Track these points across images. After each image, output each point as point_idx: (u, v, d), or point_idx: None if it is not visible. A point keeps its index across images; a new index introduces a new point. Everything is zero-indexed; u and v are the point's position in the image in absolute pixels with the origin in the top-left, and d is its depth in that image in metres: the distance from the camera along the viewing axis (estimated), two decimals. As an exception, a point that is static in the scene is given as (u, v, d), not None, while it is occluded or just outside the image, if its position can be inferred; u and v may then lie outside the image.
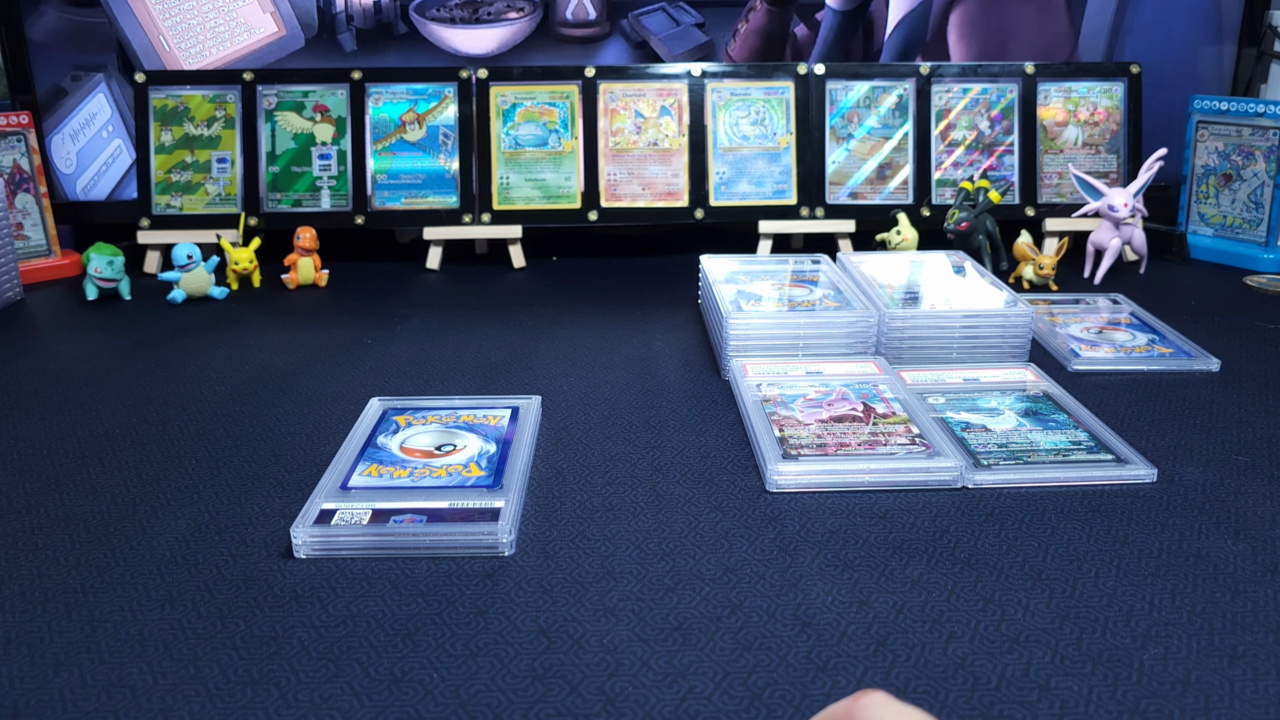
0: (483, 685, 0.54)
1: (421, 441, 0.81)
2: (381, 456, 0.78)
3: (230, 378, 1.01)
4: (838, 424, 0.85)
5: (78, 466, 0.81)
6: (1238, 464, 0.81)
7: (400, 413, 0.86)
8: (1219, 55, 1.56)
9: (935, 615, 0.60)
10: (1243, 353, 1.06)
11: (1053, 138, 1.45)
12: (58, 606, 0.61)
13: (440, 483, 0.74)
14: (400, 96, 1.42)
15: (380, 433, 0.83)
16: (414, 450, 0.79)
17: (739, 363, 0.98)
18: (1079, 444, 0.82)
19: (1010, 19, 1.52)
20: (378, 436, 0.82)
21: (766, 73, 1.43)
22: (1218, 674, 0.55)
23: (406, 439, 0.81)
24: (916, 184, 1.43)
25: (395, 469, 0.76)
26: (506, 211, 1.41)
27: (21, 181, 1.38)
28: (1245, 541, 0.69)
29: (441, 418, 0.86)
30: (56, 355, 1.08)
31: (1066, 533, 0.70)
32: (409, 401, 0.88)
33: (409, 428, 0.83)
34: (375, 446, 0.80)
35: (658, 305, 1.25)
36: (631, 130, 1.42)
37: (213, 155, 1.41)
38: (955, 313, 1.01)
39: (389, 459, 0.78)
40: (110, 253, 1.26)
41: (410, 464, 0.77)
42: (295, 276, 1.31)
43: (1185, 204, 1.47)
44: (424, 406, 0.88)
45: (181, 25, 1.46)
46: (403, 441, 0.81)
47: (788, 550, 0.68)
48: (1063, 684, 0.54)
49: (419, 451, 0.79)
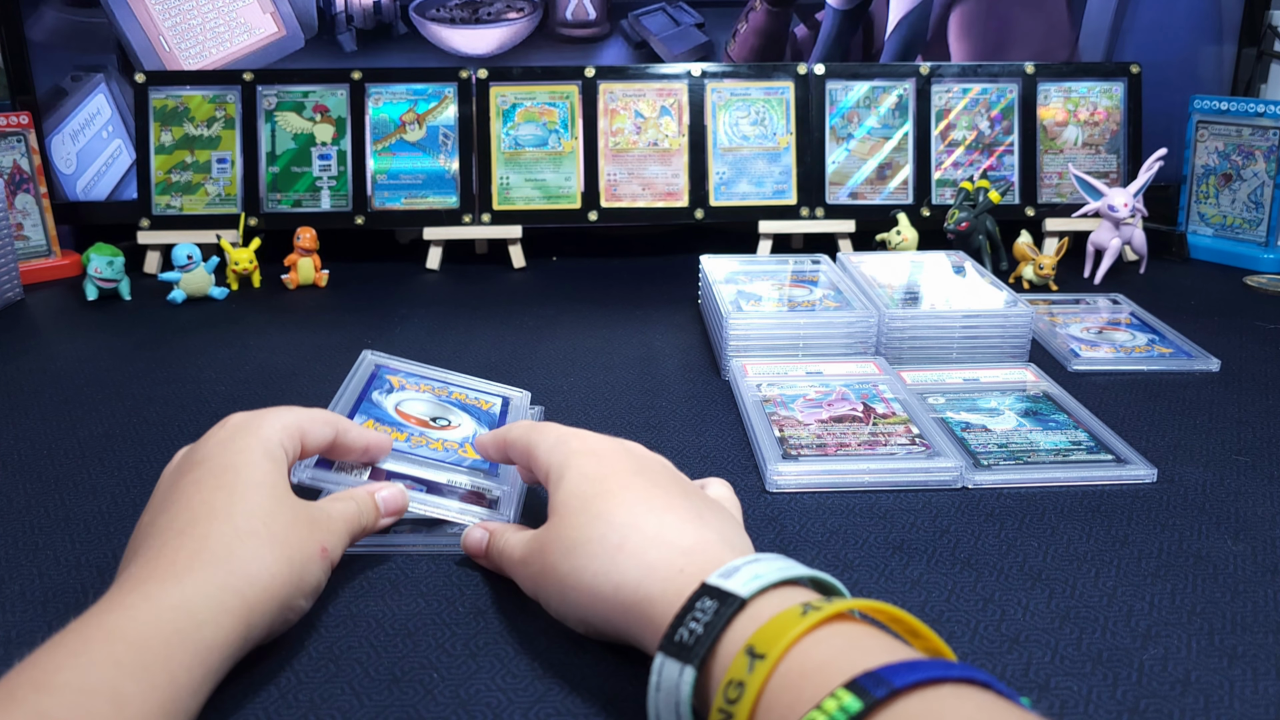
0: (483, 685, 0.54)
1: (417, 409, 0.78)
2: (377, 413, 0.75)
3: (230, 378, 1.01)
4: (838, 424, 0.85)
5: (78, 467, 0.81)
6: (1238, 464, 0.81)
7: (394, 373, 0.82)
8: (1219, 55, 1.56)
9: (935, 615, 0.60)
10: (1243, 353, 1.06)
11: (1053, 138, 1.45)
12: (58, 607, 0.61)
13: (438, 455, 0.72)
14: (400, 97, 1.42)
15: (374, 388, 0.79)
16: (409, 416, 0.76)
17: (739, 363, 0.98)
18: (1079, 444, 0.82)
19: (1011, 19, 1.52)
20: (372, 391, 0.78)
21: (766, 73, 1.43)
22: (1218, 674, 0.55)
23: (401, 402, 0.78)
24: (916, 184, 1.43)
25: (393, 430, 0.73)
26: (506, 212, 1.41)
27: (21, 182, 1.38)
28: (1245, 541, 0.69)
29: (435, 389, 0.82)
30: (56, 356, 1.08)
31: (1066, 533, 0.70)
32: (403, 364, 0.84)
33: (402, 390, 0.80)
34: (371, 401, 0.76)
35: (658, 305, 1.25)
36: (631, 130, 1.42)
37: (213, 155, 1.41)
38: (955, 313, 1.01)
39: (386, 418, 0.75)
40: (110, 253, 1.26)
41: (408, 428, 0.74)
42: (295, 277, 1.31)
43: (1185, 204, 1.47)
44: (417, 373, 0.84)
45: (181, 25, 1.46)
46: (398, 404, 0.78)
47: (788, 550, 0.68)
48: (1062, 684, 0.54)
49: (414, 418, 0.76)
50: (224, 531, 0.53)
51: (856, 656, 0.41)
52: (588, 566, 0.53)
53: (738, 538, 0.56)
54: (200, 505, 0.54)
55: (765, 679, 0.41)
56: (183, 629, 0.47)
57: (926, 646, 0.46)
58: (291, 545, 0.55)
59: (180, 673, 0.46)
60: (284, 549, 0.54)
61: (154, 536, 0.53)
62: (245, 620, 0.50)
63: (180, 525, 0.53)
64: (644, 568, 0.51)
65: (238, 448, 0.58)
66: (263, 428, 0.59)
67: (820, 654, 0.42)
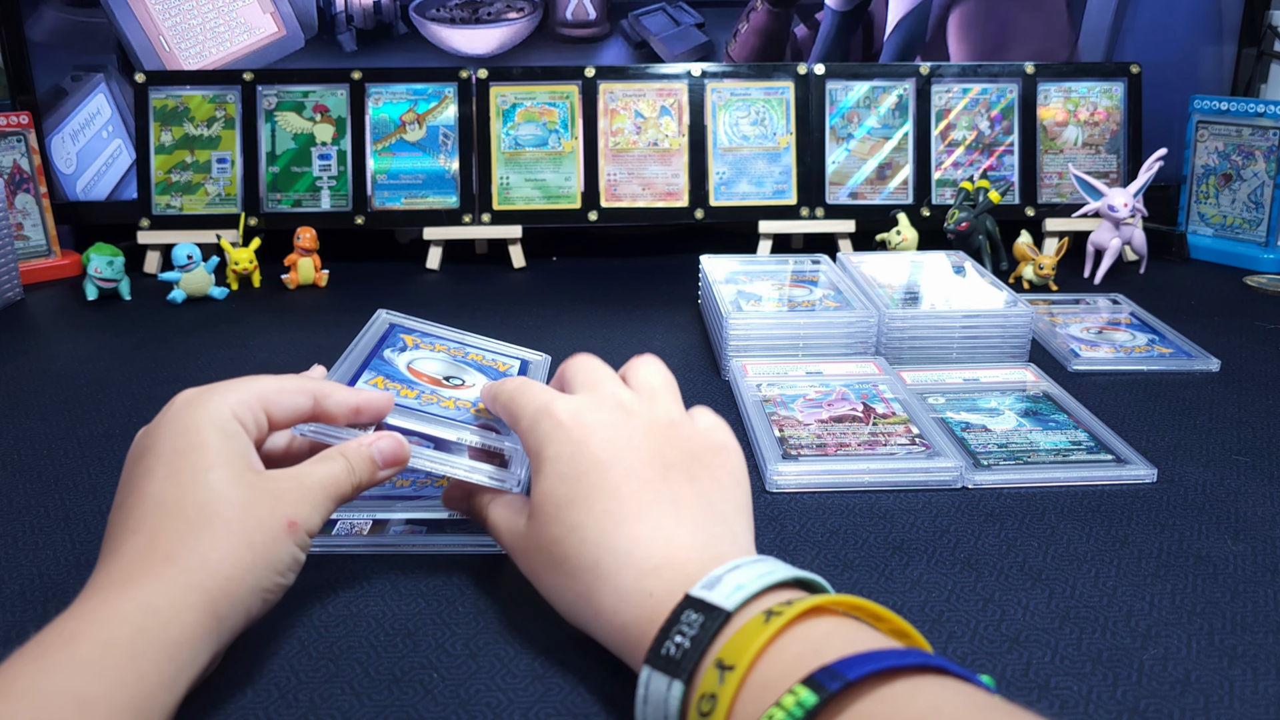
0: (483, 685, 0.54)
1: (430, 368, 0.76)
2: (387, 370, 0.73)
3: (230, 377, 1.00)
4: (838, 424, 0.85)
5: (78, 466, 0.81)
6: (1238, 464, 0.81)
7: (409, 333, 0.81)
8: (1219, 55, 1.56)
9: (935, 615, 0.60)
10: (1243, 353, 1.06)
11: (1053, 138, 1.45)
12: (58, 607, 0.61)
13: (449, 413, 0.69)
14: (400, 96, 1.42)
15: (386, 346, 0.77)
16: (421, 374, 0.74)
17: (739, 363, 0.98)
18: (1079, 444, 0.82)
19: (1010, 19, 1.52)
20: (384, 349, 0.76)
21: (766, 73, 1.43)
22: (1218, 674, 0.55)
23: (414, 360, 0.76)
24: (916, 184, 1.43)
25: (403, 387, 0.71)
26: (506, 212, 1.41)
27: (21, 182, 1.38)
28: (1245, 541, 0.69)
29: (450, 349, 0.81)
30: (56, 355, 1.08)
31: (1066, 533, 0.70)
32: (418, 324, 0.83)
33: (416, 349, 0.78)
34: (381, 359, 0.75)
35: (658, 305, 1.25)
36: (631, 130, 1.42)
37: (213, 155, 1.41)
38: (955, 313, 1.01)
39: (396, 375, 0.73)
40: (110, 253, 1.26)
41: (419, 386, 0.72)
42: (295, 276, 1.31)
43: (1185, 204, 1.47)
44: (433, 333, 0.82)
45: (181, 25, 1.46)
46: (410, 362, 0.76)
47: (788, 550, 0.68)
48: (1062, 684, 0.54)
49: (427, 377, 0.74)
50: (176, 527, 0.51)
51: (822, 653, 0.41)
52: (569, 588, 0.53)
53: (723, 525, 0.54)
54: (150, 499, 0.52)
55: (736, 690, 0.42)
56: (147, 628, 0.46)
57: (892, 629, 0.46)
58: (250, 527, 0.52)
59: (149, 670, 0.45)
60: (243, 533, 0.52)
61: (113, 538, 0.52)
62: (213, 613, 0.49)
63: (133, 524, 0.52)
64: (617, 595, 0.50)
65: (185, 427, 0.54)
66: (211, 401, 0.56)
67: (789, 655, 0.42)
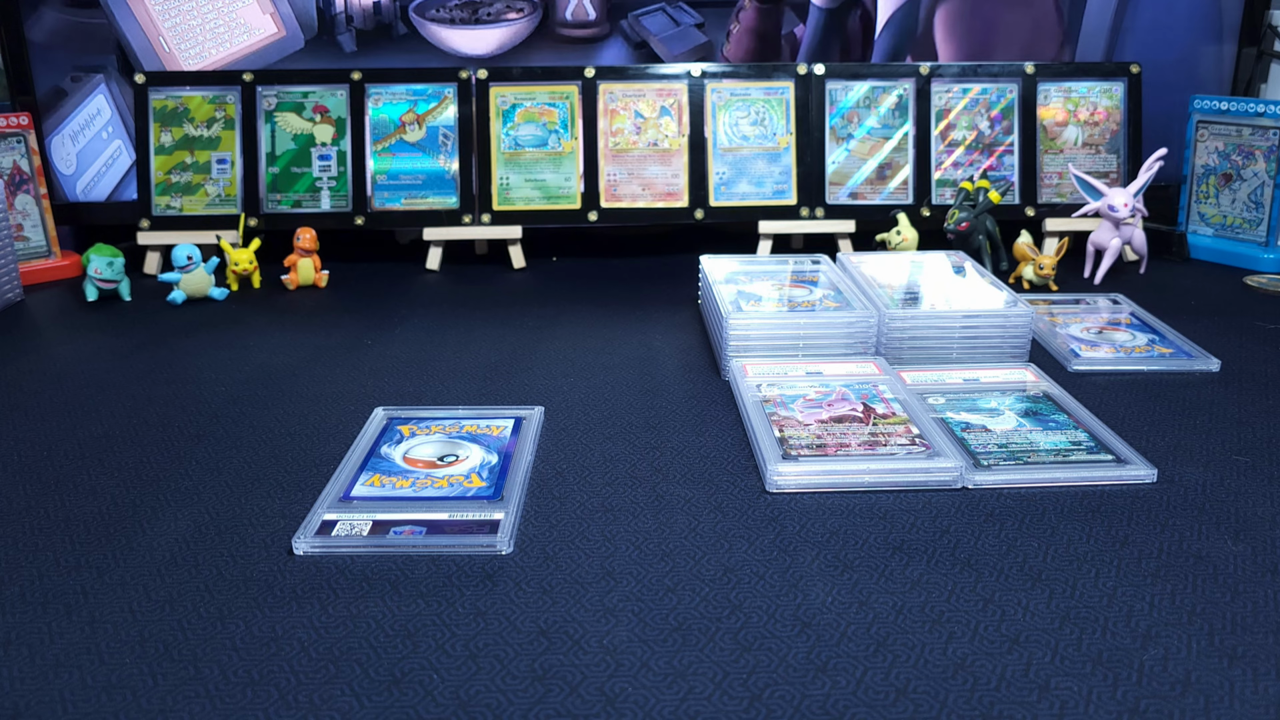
0: (483, 685, 0.54)
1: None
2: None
3: (230, 379, 1.01)
4: (837, 424, 0.85)
5: (78, 468, 0.81)
6: (1238, 464, 0.81)
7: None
8: (1219, 55, 1.56)
9: (935, 615, 0.60)
10: (1243, 353, 1.06)
11: (1053, 138, 1.45)
12: (58, 608, 0.61)
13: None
14: (400, 97, 1.42)
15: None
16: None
17: (739, 363, 0.98)
18: (1079, 444, 0.82)
19: (995, 16, 1.52)
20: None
21: (766, 73, 1.43)
22: (1218, 674, 0.55)
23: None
24: (916, 184, 1.43)
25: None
26: (506, 212, 1.41)
27: (21, 182, 1.38)
28: (1245, 542, 0.69)
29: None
30: (56, 356, 1.08)
31: (1066, 533, 0.70)
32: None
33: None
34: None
35: (658, 305, 1.25)
36: (631, 131, 1.42)
37: (212, 156, 1.41)
38: (955, 313, 1.01)
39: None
40: (110, 254, 1.26)
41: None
42: (295, 277, 1.31)
43: (1185, 204, 1.47)
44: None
45: (181, 26, 1.46)
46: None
47: (787, 551, 0.68)
48: (1063, 684, 0.54)
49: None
50: None
51: None
52: None
53: None
54: None
55: None
56: None
57: None
58: None
59: None
60: None
61: None
62: None
63: None
64: None
65: None
66: None
67: None
